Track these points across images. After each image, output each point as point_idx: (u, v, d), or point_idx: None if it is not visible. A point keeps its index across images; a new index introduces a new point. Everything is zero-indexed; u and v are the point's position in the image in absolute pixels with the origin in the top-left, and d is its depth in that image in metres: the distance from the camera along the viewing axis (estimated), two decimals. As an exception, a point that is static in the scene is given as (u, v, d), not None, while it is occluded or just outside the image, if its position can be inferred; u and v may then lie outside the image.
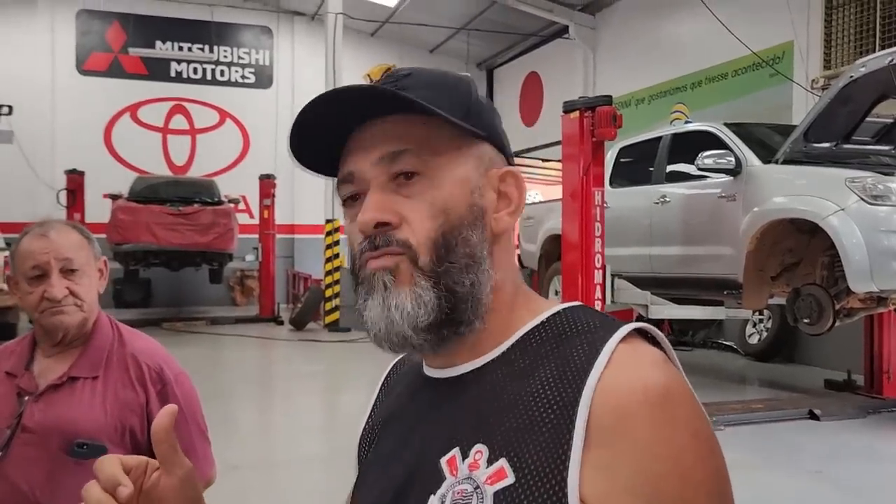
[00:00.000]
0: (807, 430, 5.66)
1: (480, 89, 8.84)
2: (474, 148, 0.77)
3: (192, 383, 1.77)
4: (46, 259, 1.60)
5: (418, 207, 0.74)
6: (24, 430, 1.59)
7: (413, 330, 0.73)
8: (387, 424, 0.86)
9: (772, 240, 5.76)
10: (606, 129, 6.04)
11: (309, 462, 5.16)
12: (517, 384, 0.72)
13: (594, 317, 0.75)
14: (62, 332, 1.64)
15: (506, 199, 0.79)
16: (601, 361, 0.68)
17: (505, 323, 0.77)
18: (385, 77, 0.79)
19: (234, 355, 10.14)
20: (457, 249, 0.74)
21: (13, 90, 15.13)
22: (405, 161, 0.74)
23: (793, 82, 9.20)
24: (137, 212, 11.85)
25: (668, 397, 0.66)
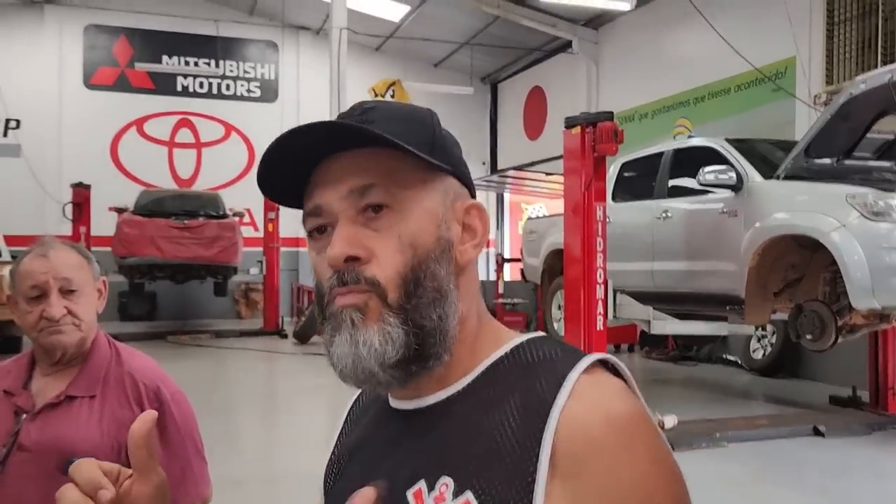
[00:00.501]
0: (812, 446, 5.64)
1: (485, 104, 8.91)
2: (439, 182, 0.78)
3: (189, 402, 1.78)
4: (45, 279, 1.62)
5: (387, 241, 0.74)
6: (20, 448, 1.59)
7: (380, 367, 0.73)
8: (352, 456, 0.87)
9: (774, 255, 5.76)
10: (608, 144, 6.04)
11: (313, 478, 5.14)
12: (482, 416, 0.73)
13: (557, 348, 0.76)
14: (60, 351, 1.66)
15: (470, 231, 0.80)
16: (564, 392, 0.69)
17: (470, 353, 0.78)
18: (350, 110, 0.79)
19: (239, 369, 10.14)
20: (425, 283, 0.74)
21: (21, 104, 15.28)
22: (374, 194, 0.74)
23: (795, 98, 9.22)
24: (143, 225, 11.89)
25: (631, 425, 0.68)
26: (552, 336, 0.82)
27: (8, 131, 15.56)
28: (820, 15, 9.03)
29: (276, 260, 13.96)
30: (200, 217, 12.46)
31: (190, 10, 16.06)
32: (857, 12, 8.73)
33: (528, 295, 11.95)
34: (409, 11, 14.77)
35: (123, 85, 16.26)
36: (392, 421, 0.82)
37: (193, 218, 12.33)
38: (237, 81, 16.98)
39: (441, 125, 0.82)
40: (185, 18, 15.88)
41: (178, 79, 16.62)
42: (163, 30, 16.15)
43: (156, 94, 16.41)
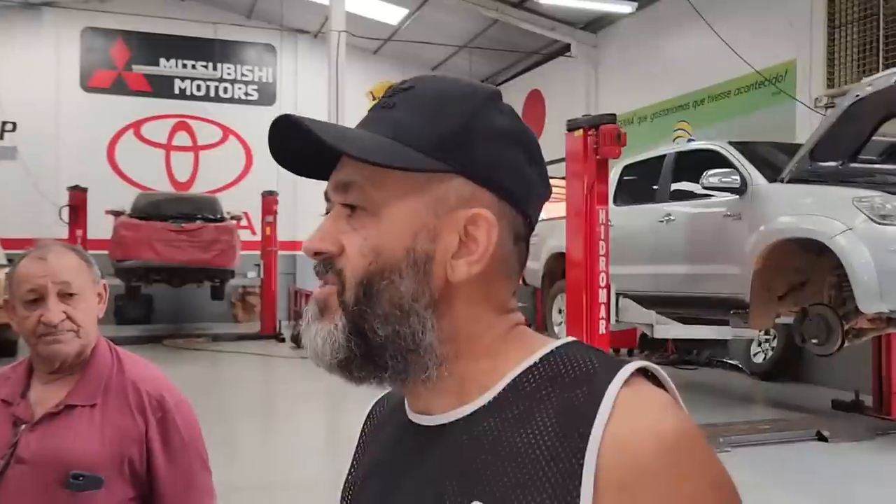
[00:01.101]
0: (815, 451, 5.60)
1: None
2: (435, 185, 0.70)
3: (193, 411, 1.72)
4: (44, 283, 1.57)
5: (355, 242, 0.71)
6: (18, 460, 1.54)
7: (327, 366, 0.71)
8: (371, 474, 0.80)
9: (778, 259, 5.73)
10: (610, 147, 6.02)
11: (311, 484, 5.09)
12: (512, 433, 0.66)
13: (592, 356, 0.69)
14: (59, 360, 1.60)
15: (472, 243, 0.70)
16: (605, 408, 0.63)
17: (492, 365, 0.71)
18: (393, 86, 0.76)
19: (236, 373, 10.08)
20: (379, 295, 0.69)
21: (18, 107, 15.21)
22: (351, 193, 0.71)
23: (796, 100, 9.19)
24: (139, 228, 11.83)
25: (682, 445, 0.62)
26: (583, 342, 0.74)
27: (4, 134, 15.49)
28: (821, 18, 9.00)
29: (273, 263, 13.91)
30: (198, 220, 12.39)
31: (188, 12, 16.02)
32: (858, 15, 8.71)
33: (527, 299, 11.91)
34: (407, 14, 14.74)
35: (121, 88, 16.20)
36: (412, 436, 0.75)
37: (191, 221, 12.26)
38: (235, 84, 16.94)
39: (496, 114, 0.73)
40: (182, 21, 15.83)
41: (175, 82, 16.56)
42: (160, 32, 16.09)
43: (153, 97, 16.35)
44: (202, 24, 16.04)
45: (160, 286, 13.01)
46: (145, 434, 1.61)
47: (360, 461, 0.85)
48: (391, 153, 0.69)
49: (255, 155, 16.78)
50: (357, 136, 0.71)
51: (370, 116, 0.74)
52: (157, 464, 1.60)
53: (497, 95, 0.75)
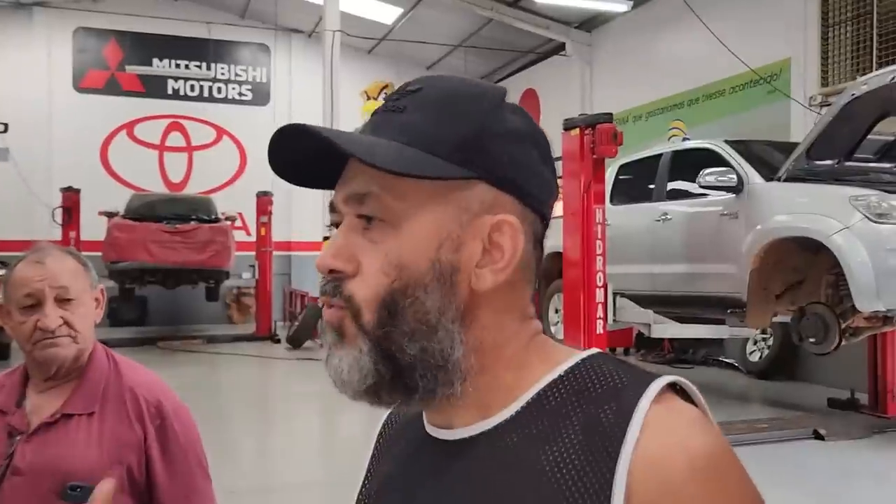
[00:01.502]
0: (812, 449, 5.61)
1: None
2: (457, 192, 0.67)
3: (192, 417, 1.68)
4: (41, 287, 1.53)
5: (374, 257, 0.66)
6: (14, 471, 1.50)
7: (355, 393, 0.68)
8: (386, 489, 0.77)
9: (775, 258, 5.73)
10: (607, 146, 6.01)
11: (308, 488, 5.08)
12: (536, 451, 0.64)
13: (619, 369, 0.67)
14: (56, 365, 1.56)
15: (497, 251, 0.67)
16: (635, 426, 0.61)
17: (515, 379, 0.69)
18: (399, 88, 0.72)
19: (231, 375, 10.04)
20: (405, 313, 0.66)
21: (9, 108, 15.10)
22: (367, 205, 0.67)
23: (791, 99, 9.21)
24: (133, 229, 11.78)
25: (716, 465, 0.60)
26: (608, 354, 0.72)
27: (-4, 135, 15.40)
28: (815, 16, 9.02)
29: (268, 264, 13.87)
30: (192, 221, 12.34)
31: (181, 12, 15.95)
32: (851, 14, 8.73)
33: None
34: (401, 14, 14.72)
35: (113, 88, 16.12)
36: (430, 451, 0.72)
37: (185, 222, 12.21)
38: (229, 84, 16.88)
39: (508, 114, 0.70)
40: (175, 21, 15.76)
41: (168, 82, 16.49)
42: (153, 32, 16.01)
43: (146, 98, 16.27)
44: (196, 24, 15.98)
45: (154, 288, 12.95)
46: (144, 442, 1.57)
47: (373, 473, 0.82)
48: (413, 161, 0.65)
49: (249, 155, 16.72)
50: (374, 143, 0.67)
51: (378, 121, 0.70)
52: (157, 472, 1.57)
53: (505, 94, 0.72)
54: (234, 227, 13.10)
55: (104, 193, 14.03)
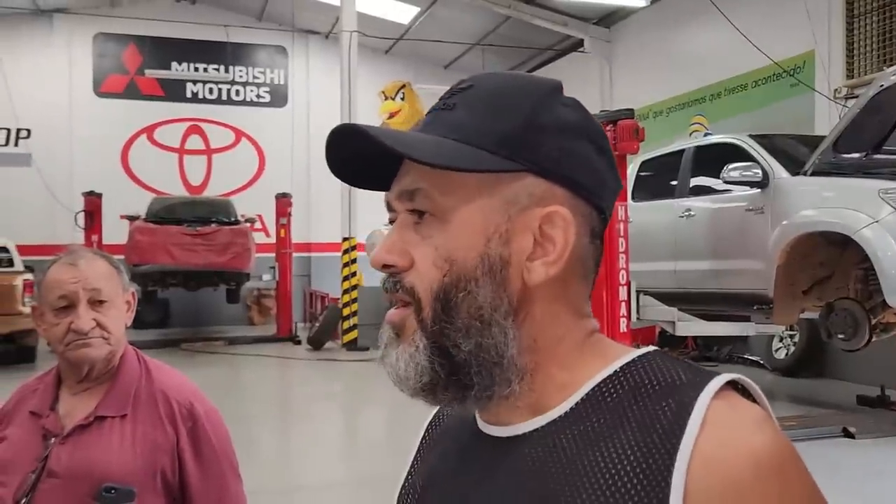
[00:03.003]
0: (842, 448, 5.51)
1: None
2: (505, 185, 0.67)
3: (222, 419, 1.69)
4: (75, 289, 1.54)
5: (426, 252, 0.67)
6: (50, 474, 1.50)
7: (411, 391, 0.68)
8: (431, 485, 0.75)
9: (802, 253, 5.64)
10: (629, 142, 5.95)
11: (330, 488, 5.06)
12: (591, 449, 0.62)
13: (676, 367, 0.65)
14: (88, 365, 1.57)
15: (549, 243, 0.67)
16: (694, 423, 0.58)
17: (569, 376, 0.67)
18: (452, 87, 0.72)
19: (253, 376, 10.07)
20: (458, 307, 0.66)
21: (31, 114, 15.31)
22: (417, 200, 0.68)
23: (815, 91, 9.08)
24: (155, 233, 11.86)
25: (782, 466, 0.58)
26: (665, 352, 0.69)
27: (19, 141, 15.59)
28: (839, 8, 8.89)
29: (288, 265, 13.92)
30: (212, 223, 12.41)
31: (198, 16, 16.06)
32: (877, 4, 8.59)
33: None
34: (418, 13, 14.71)
35: (133, 92, 16.26)
36: (480, 447, 0.71)
37: (205, 224, 12.28)
38: (247, 87, 16.96)
39: (560, 107, 0.70)
40: (194, 25, 15.87)
41: (187, 85, 16.62)
42: (172, 36, 16.14)
43: (166, 101, 16.41)
44: (213, 27, 16.08)
45: (176, 290, 13.04)
46: (176, 444, 1.58)
47: (418, 467, 0.81)
48: (457, 155, 0.65)
49: (267, 157, 16.80)
50: (419, 139, 0.67)
51: (429, 119, 0.71)
52: (189, 474, 1.58)
53: (559, 87, 0.72)
54: (253, 228, 13.16)
55: (125, 197, 14.15)
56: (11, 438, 1.58)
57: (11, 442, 1.57)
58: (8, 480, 1.52)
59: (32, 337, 10.35)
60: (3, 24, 15.14)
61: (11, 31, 15.28)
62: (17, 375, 9.67)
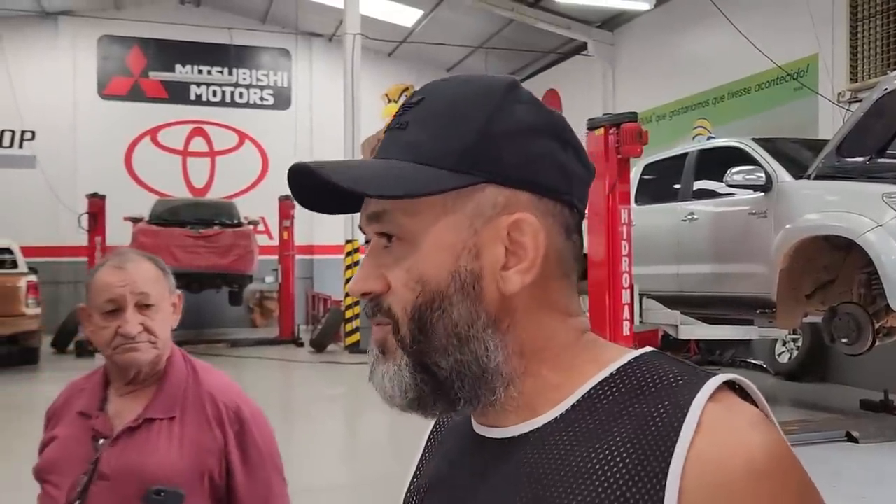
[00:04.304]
0: (845, 452, 5.50)
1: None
2: (467, 199, 0.66)
3: (268, 421, 1.69)
4: (122, 293, 1.54)
5: (398, 275, 0.67)
6: (100, 476, 1.51)
7: (399, 407, 0.68)
8: (434, 487, 0.76)
9: (805, 257, 5.63)
10: (632, 146, 5.96)
11: (332, 491, 5.06)
12: (585, 449, 0.62)
13: (673, 368, 0.64)
14: (135, 369, 1.57)
15: (521, 250, 0.66)
16: (690, 424, 0.58)
17: (563, 379, 0.67)
18: (405, 101, 0.72)
19: (255, 378, 10.07)
20: (434, 327, 0.66)
21: (36, 116, 15.35)
22: (383, 223, 0.68)
23: (819, 95, 9.07)
24: (158, 234, 11.88)
25: (776, 467, 0.57)
26: (662, 353, 0.69)
27: (23, 143, 15.63)
28: (843, 11, 8.88)
29: (291, 268, 13.93)
30: (216, 226, 12.43)
31: (202, 18, 16.10)
32: (881, 8, 8.58)
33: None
34: (421, 16, 14.72)
35: (137, 95, 16.30)
36: (477, 450, 0.71)
37: (209, 227, 12.30)
38: (250, 89, 16.99)
39: (516, 106, 0.68)
40: (198, 27, 15.91)
41: (191, 87, 16.65)
42: (176, 39, 16.18)
43: (169, 103, 16.44)
44: (217, 30, 16.11)
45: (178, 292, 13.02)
46: (224, 447, 1.58)
47: (422, 470, 0.81)
48: (412, 181, 0.65)
49: (271, 159, 16.82)
50: (372, 171, 0.67)
51: (386, 141, 0.70)
52: (237, 477, 1.58)
53: (514, 85, 0.70)
54: (256, 231, 13.17)
55: (129, 199, 14.18)
56: (61, 438, 1.58)
57: (61, 442, 1.58)
58: (59, 481, 1.52)
59: (36, 338, 10.37)
60: (9, 27, 15.19)
61: (17, 33, 15.33)
62: (20, 377, 9.68)
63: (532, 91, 0.72)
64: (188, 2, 16.42)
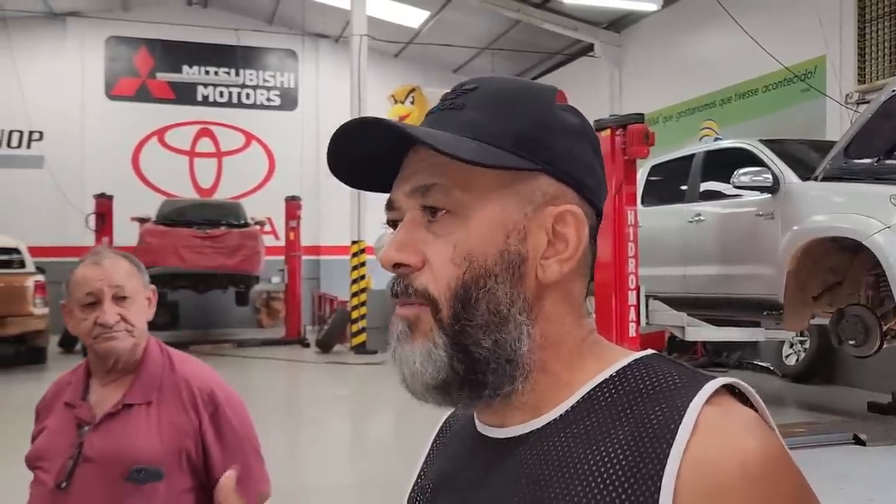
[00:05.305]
0: (853, 455, 5.47)
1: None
2: (522, 184, 0.68)
3: (243, 403, 1.80)
4: (100, 286, 1.67)
5: (442, 250, 0.67)
6: (85, 459, 1.63)
7: (424, 388, 0.67)
8: (438, 487, 0.77)
9: (813, 259, 5.61)
10: (638, 147, 5.95)
11: (338, 491, 5.06)
12: (584, 450, 0.63)
13: (673, 370, 0.65)
14: (114, 357, 1.69)
15: (561, 242, 0.68)
16: (686, 427, 0.59)
17: (568, 378, 0.68)
18: (454, 88, 0.73)
19: (261, 378, 10.09)
20: (477, 304, 0.66)
21: (44, 116, 15.41)
22: (433, 196, 0.67)
23: (826, 97, 9.03)
24: (165, 235, 11.92)
25: (771, 470, 0.58)
26: (664, 355, 0.70)
27: (31, 143, 15.70)
28: (851, 12, 8.85)
29: (297, 268, 13.96)
30: (222, 226, 12.46)
31: (210, 19, 16.14)
32: (889, 9, 8.55)
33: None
34: (428, 17, 14.73)
35: (144, 95, 16.35)
36: (481, 450, 0.72)
37: (215, 227, 12.33)
38: (257, 90, 17.03)
39: (561, 111, 0.71)
40: (205, 28, 15.94)
41: (198, 88, 16.69)
42: (183, 40, 16.23)
43: (176, 104, 16.49)
44: (224, 31, 16.15)
45: (185, 292, 13.08)
46: (199, 428, 1.69)
47: (426, 471, 0.81)
48: (483, 152, 0.65)
49: (277, 160, 16.86)
50: (443, 135, 0.66)
51: (436, 118, 0.71)
52: (213, 455, 1.69)
53: (556, 92, 0.73)
54: (263, 231, 13.20)
55: (136, 199, 14.21)
56: (50, 428, 1.71)
57: (50, 431, 1.71)
58: (49, 466, 1.65)
59: (43, 338, 10.40)
60: (17, 27, 15.26)
61: (25, 34, 15.40)
62: (27, 377, 9.71)
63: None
64: (195, 3, 16.46)
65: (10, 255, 10.50)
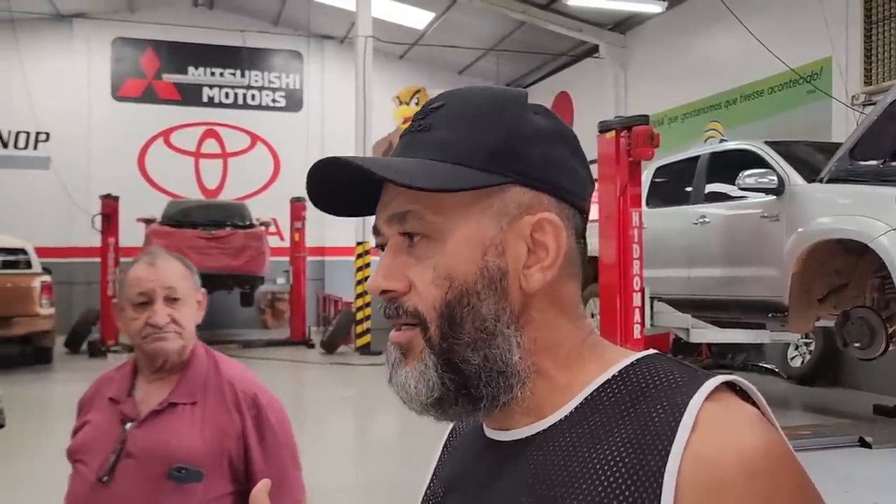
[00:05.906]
0: (858, 458, 5.45)
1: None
2: (495, 198, 0.69)
3: (284, 410, 1.81)
4: (152, 287, 1.69)
5: (423, 273, 0.68)
6: (127, 455, 1.64)
7: (421, 407, 0.69)
8: (448, 490, 0.78)
9: (818, 261, 5.60)
10: (643, 148, 5.94)
11: (343, 492, 5.07)
12: (588, 449, 0.64)
13: (675, 368, 0.66)
14: (162, 358, 1.70)
15: (542, 249, 0.69)
16: (686, 424, 0.60)
17: (569, 379, 0.69)
18: (423, 106, 0.74)
19: (266, 379, 10.00)
20: (463, 323, 0.67)
21: (50, 117, 15.47)
22: (409, 223, 0.69)
23: (832, 98, 9.01)
24: (170, 235, 11.94)
25: (771, 466, 0.58)
26: (665, 355, 0.71)
27: (38, 144, 15.76)
28: (857, 14, 8.83)
29: (302, 269, 13.98)
30: (227, 227, 12.49)
31: (215, 21, 16.18)
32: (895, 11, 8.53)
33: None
34: (433, 19, 14.74)
35: (150, 96, 16.40)
36: (488, 453, 0.73)
37: (221, 228, 12.37)
38: (262, 91, 17.06)
39: (532, 115, 0.71)
40: (210, 30, 15.99)
41: (204, 89, 16.73)
42: (189, 41, 16.27)
43: (182, 105, 16.53)
44: (230, 33, 16.19)
45: (190, 293, 13.08)
46: (242, 430, 1.70)
47: (438, 475, 0.83)
48: (446, 176, 0.67)
49: (282, 161, 16.88)
50: (407, 165, 0.68)
51: (407, 142, 0.72)
52: (254, 459, 1.69)
53: (526, 96, 0.73)
54: (268, 232, 13.22)
55: (142, 200, 14.26)
56: (93, 422, 1.73)
57: (93, 425, 1.72)
58: (90, 460, 1.66)
59: (49, 338, 10.44)
60: (25, 29, 15.31)
61: (32, 35, 15.45)
62: (34, 377, 9.75)
63: (543, 94, 0.75)
64: (201, 4, 16.51)
65: (17, 255, 10.54)
